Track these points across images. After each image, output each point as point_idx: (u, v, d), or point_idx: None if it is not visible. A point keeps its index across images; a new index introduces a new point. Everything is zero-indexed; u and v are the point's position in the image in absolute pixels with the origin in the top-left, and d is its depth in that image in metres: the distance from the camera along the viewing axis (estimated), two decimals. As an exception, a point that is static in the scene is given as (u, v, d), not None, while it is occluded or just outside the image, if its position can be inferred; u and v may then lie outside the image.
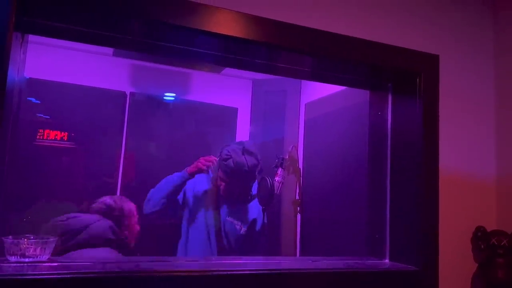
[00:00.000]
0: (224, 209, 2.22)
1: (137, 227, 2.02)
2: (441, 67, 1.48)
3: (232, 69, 2.93)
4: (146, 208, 2.12)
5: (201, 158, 2.18)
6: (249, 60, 1.42)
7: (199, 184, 2.23)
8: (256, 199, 2.27)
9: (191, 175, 2.14)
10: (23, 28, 1.10)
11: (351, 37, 1.34)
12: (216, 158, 2.18)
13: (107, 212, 1.89)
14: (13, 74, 1.07)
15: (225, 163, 2.15)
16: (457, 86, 1.52)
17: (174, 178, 2.14)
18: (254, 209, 2.29)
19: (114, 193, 2.70)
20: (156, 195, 2.11)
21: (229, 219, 2.21)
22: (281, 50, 1.32)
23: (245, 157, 2.17)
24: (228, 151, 2.16)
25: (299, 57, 1.39)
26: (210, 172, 2.26)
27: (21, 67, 1.15)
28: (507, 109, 1.53)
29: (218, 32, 1.17)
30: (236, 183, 2.19)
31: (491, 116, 1.57)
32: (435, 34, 1.51)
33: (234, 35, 1.19)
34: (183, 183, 2.14)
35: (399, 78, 1.51)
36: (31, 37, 1.21)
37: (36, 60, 2.40)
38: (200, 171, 2.14)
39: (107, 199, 1.96)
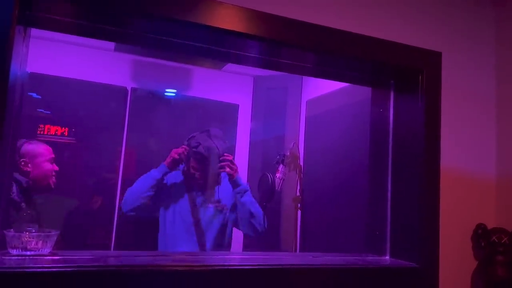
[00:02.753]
0: (201, 197, 2.21)
1: (48, 166, 2.05)
2: (443, 64, 1.48)
3: (233, 65, 2.93)
4: (124, 207, 2.12)
5: (173, 149, 2.19)
6: (251, 56, 1.41)
7: (172, 178, 2.22)
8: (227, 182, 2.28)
9: (170, 168, 2.15)
10: (26, 22, 1.10)
11: (353, 33, 1.34)
12: (186, 147, 2.19)
13: None
14: (16, 68, 1.07)
15: (196, 150, 2.16)
16: (459, 84, 1.52)
17: (152, 174, 2.14)
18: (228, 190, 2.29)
19: (115, 189, 2.71)
20: (135, 194, 2.11)
21: (211, 205, 2.20)
22: (283, 46, 1.32)
23: (213, 141, 2.18)
24: (196, 140, 2.19)
25: (301, 53, 1.39)
26: (181, 165, 2.27)
27: (23, 61, 1.15)
28: (508, 107, 1.53)
29: (220, 26, 1.17)
30: (210, 169, 2.19)
31: (492, 113, 1.57)
32: (437, 31, 1.50)
33: (236, 30, 1.19)
34: (162, 178, 2.14)
35: (401, 75, 1.51)
36: (33, 32, 1.21)
37: (37, 54, 2.40)
38: (175, 161, 2.15)
39: None
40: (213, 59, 2.33)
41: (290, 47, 1.32)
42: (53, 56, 2.61)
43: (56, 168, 2.10)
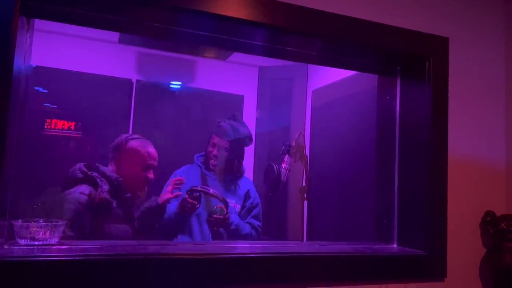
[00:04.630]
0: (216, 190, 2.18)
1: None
2: (451, 50, 1.45)
3: (238, 56, 2.92)
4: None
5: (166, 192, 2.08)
6: (257, 44, 1.40)
7: (189, 176, 2.19)
8: (245, 177, 2.27)
9: (164, 203, 2.03)
10: (28, 13, 1.10)
11: (358, 19, 1.32)
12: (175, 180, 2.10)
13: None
14: (20, 59, 1.07)
15: (220, 124, 2.15)
16: (467, 69, 1.50)
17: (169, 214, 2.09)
18: (245, 184, 2.28)
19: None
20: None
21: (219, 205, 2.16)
22: (288, 33, 1.30)
23: (237, 123, 2.19)
24: (220, 120, 2.19)
25: (306, 40, 1.37)
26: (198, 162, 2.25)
27: (27, 52, 1.15)
28: (518, 93, 1.51)
29: (224, 14, 1.16)
30: (229, 149, 2.16)
31: (502, 99, 1.54)
32: (444, 16, 1.48)
33: (241, 17, 1.18)
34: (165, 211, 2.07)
35: (408, 61, 1.49)
36: (38, 25, 1.20)
37: (43, 48, 2.41)
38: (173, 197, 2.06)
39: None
40: (219, 48, 2.30)
41: (295, 34, 1.30)
42: (58, 49, 2.62)
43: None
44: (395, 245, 1.47)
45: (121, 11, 1.19)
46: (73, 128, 2.77)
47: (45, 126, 2.72)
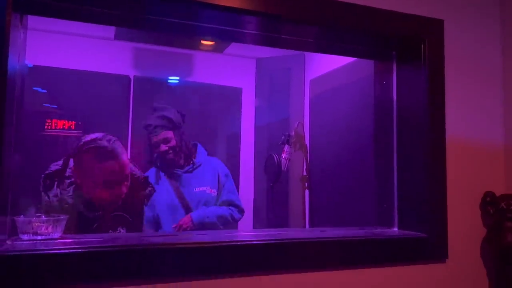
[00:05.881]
0: (184, 183, 2.19)
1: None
2: (446, 33, 1.45)
3: (235, 48, 2.91)
4: None
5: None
6: (252, 33, 1.40)
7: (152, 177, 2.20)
8: (209, 157, 2.25)
9: None
10: (21, 9, 1.10)
11: (353, 3, 1.32)
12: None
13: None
14: (14, 56, 1.07)
15: (153, 116, 2.14)
16: (463, 51, 1.49)
17: None
18: (211, 164, 2.26)
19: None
20: None
21: (197, 190, 2.19)
22: (283, 21, 1.29)
23: (159, 112, 2.18)
24: (147, 118, 2.18)
25: (302, 28, 1.37)
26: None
27: (21, 50, 1.15)
28: (514, 73, 1.51)
29: (219, 3, 1.16)
30: (174, 138, 2.15)
31: (499, 80, 1.54)
32: (439, -1, 1.47)
33: (236, 6, 1.17)
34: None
35: (403, 45, 1.49)
36: (34, 24, 1.20)
37: (39, 47, 2.41)
38: None
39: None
40: (215, 38, 2.29)
41: (290, 21, 1.30)
42: (54, 48, 2.62)
43: None
44: (396, 229, 1.48)
45: (114, 4, 1.19)
46: (73, 128, 2.77)
47: (46, 127, 2.72)
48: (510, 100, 1.52)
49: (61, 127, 2.76)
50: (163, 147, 2.14)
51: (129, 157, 2.45)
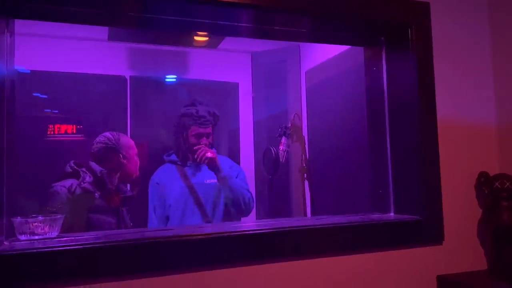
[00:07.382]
0: (195, 175, 2.21)
1: (137, 160, 2.11)
2: (433, 15, 1.45)
3: (229, 43, 2.92)
4: None
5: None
6: (243, 26, 1.40)
7: (167, 176, 2.22)
8: (219, 155, 2.27)
9: None
10: (7, 13, 1.11)
11: (337, -9, 1.32)
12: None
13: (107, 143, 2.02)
14: (1, 61, 1.08)
15: (187, 110, 2.16)
16: (451, 33, 1.49)
17: None
18: (223, 161, 2.27)
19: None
20: None
21: (207, 181, 2.20)
22: (273, 12, 1.30)
23: (204, 107, 2.20)
24: (194, 109, 2.20)
25: (293, 17, 1.37)
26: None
27: (9, 54, 1.16)
28: (504, 53, 1.50)
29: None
30: (211, 134, 2.18)
31: (488, 58, 1.53)
32: (424, -19, 1.47)
33: (227, 0, 1.18)
34: None
35: (390, 30, 1.49)
36: (28, 29, 1.21)
37: (35, 52, 2.43)
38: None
39: (106, 133, 2.12)
40: (208, 33, 2.29)
41: (281, 12, 1.30)
42: (48, 52, 2.63)
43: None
44: (392, 214, 1.48)
45: (103, 3, 1.19)
46: (75, 132, 2.80)
47: (49, 132, 2.75)
48: (501, 79, 1.51)
49: (64, 132, 2.78)
50: (205, 141, 2.15)
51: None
